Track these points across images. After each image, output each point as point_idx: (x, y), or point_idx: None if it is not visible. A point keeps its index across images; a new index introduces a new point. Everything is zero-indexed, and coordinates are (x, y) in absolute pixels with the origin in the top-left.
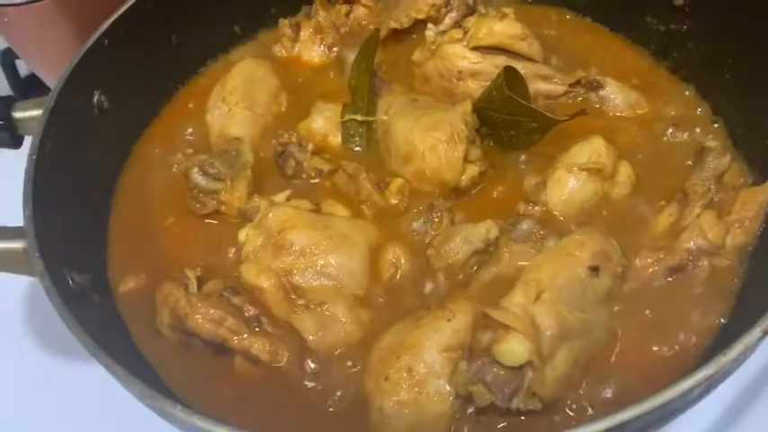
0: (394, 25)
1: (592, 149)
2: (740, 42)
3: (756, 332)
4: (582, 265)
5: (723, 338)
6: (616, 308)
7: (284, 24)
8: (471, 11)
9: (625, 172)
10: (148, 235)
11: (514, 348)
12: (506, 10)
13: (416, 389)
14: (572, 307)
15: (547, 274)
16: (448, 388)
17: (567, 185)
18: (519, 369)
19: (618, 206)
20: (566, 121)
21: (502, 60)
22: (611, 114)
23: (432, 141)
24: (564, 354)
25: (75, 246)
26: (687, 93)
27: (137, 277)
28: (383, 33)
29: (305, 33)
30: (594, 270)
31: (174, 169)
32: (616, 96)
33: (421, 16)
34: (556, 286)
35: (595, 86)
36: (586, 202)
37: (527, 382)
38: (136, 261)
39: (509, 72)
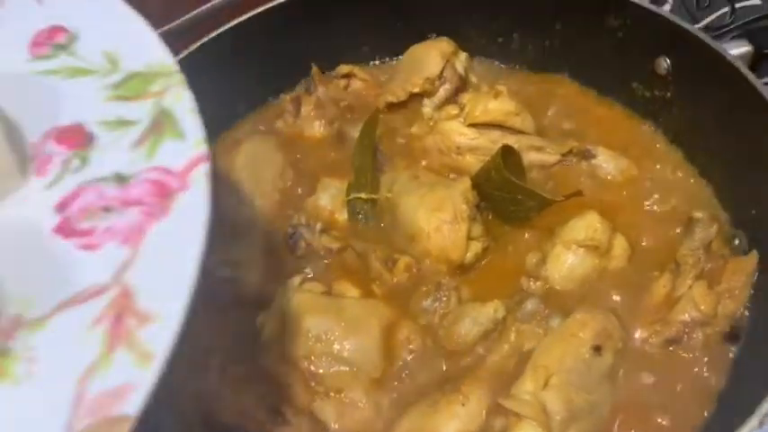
0: (390, 99)
1: (587, 226)
2: (720, 112)
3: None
4: (585, 346)
5: (722, 408)
6: (617, 381)
7: (285, 101)
8: (464, 82)
9: (620, 245)
10: None
11: None
12: (500, 87)
13: None
14: (579, 389)
15: (554, 359)
16: None
17: (567, 262)
18: None
19: (615, 276)
20: (561, 201)
21: (497, 135)
22: (602, 178)
23: (436, 222)
24: None
25: None
26: (677, 157)
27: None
28: (380, 106)
29: (306, 109)
30: (597, 349)
31: None
32: (608, 164)
33: (416, 90)
34: (563, 370)
35: (587, 155)
36: (585, 276)
37: None
38: None
39: (506, 152)
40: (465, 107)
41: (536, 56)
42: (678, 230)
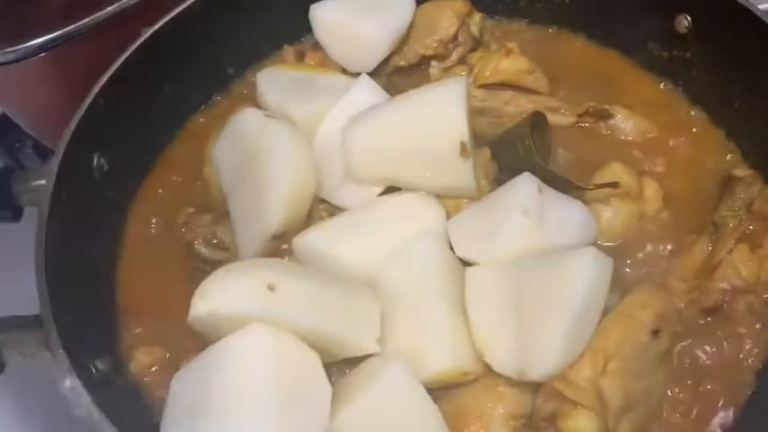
0: (401, 63)
1: (612, 175)
2: (747, 73)
3: None
4: (645, 329)
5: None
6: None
7: (288, 51)
8: (478, 44)
9: (651, 186)
10: (159, 305)
11: (584, 426)
12: (510, 45)
13: None
14: (636, 375)
15: (612, 342)
16: None
17: (604, 216)
18: None
19: (657, 221)
20: (594, 188)
21: (509, 96)
22: (621, 138)
23: None
24: (626, 424)
25: (92, 328)
26: (700, 119)
27: (150, 350)
28: (388, 70)
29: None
30: (656, 333)
31: (180, 232)
32: (626, 124)
33: (429, 53)
34: (622, 354)
35: (605, 116)
36: (628, 222)
37: None
38: (148, 333)
39: (535, 121)
40: (474, 67)
41: (549, 14)
42: (707, 193)
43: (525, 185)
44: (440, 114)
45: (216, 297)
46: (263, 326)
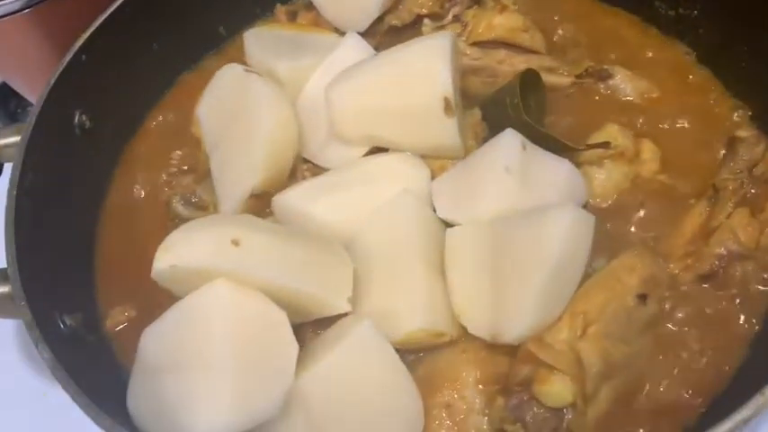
0: (395, 22)
1: (607, 136)
2: (753, 31)
3: None
4: (630, 293)
5: (758, 354)
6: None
7: (281, 11)
8: (475, 3)
9: (648, 148)
10: (137, 263)
11: (558, 390)
12: (506, 1)
13: (455, 427)
14: (617, 340)
15: (594, 305)
16: (486, 426)
17: (597, 178)
18: (559, 409)
19: (653, 184)
20: (585, 149)
21: (503, 54)
22: (621, 99)
23: None
24: (606, 392)
25: (63, 284)
26: (705, 80)
27: (126, 310)
28: (383, 29)
29: (304, 20)
30: (643, 298)
31: (162, 191)
32: (626, 85)
33: (423, 11)
34: (603, 319)
35: (604, 76)
36: (621, 184)
37: (566, 423)
38: (124, 293)
39: (526, 78)
40: (468, 24)
41: None
42: (711, 155)
43: (508, 142)
44: (423, 69)
45: (178, 251)
46: (225, 281)
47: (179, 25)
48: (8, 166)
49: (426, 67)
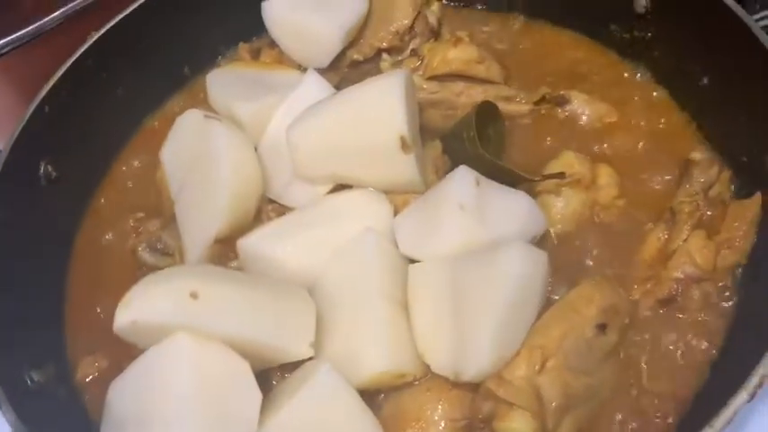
0: (356, 56)
1: (564, 164)
2: (707, 50)
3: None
4: (589, 324)
5: (718, 376)
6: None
7: (244, 49)
8: (435, 35)
9: (605, 173)
10: (106, 312)
11: (518, 427)
12: (460, 33)
13: None
14: (578, 371)
15: (552, 339)
16: None
17: (556, 206)
18: None
19: (612, 210)
20: (541, 180)
21: (461, 87)
22: (579, 125)
23: None
24: (569, 424)
25: (32, 337)
26: (662, 102)
27: (96, 360)
28: (345, 64)
29: (267, 58)
30: (602, 328)
31: (129, 238)
32: (583, 110)
33: (384, 45)
34: (562, 352)
35: (561, 102)
36: (579, 211)
37: None
38: (94, 342)
39: (482, 110)
40: (424, 58)
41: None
42: (669, 178)
43: (461, 179)
44: (378, 108)
45: (137, 307)
46: (185, 335)
47: (143, 68)
48: None
49: (381, 107)
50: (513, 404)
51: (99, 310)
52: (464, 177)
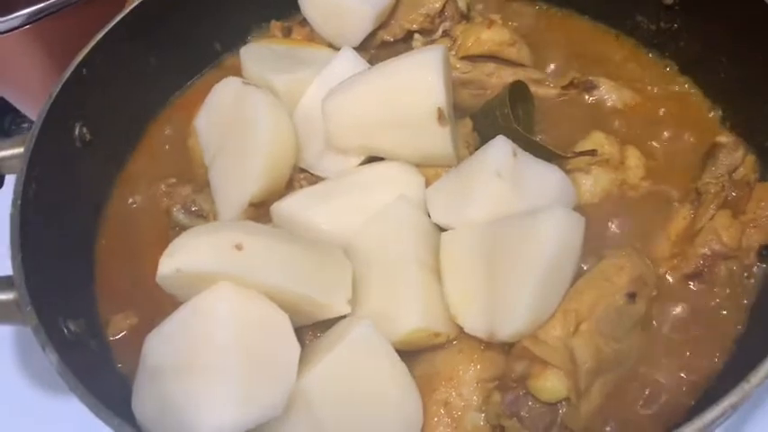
0: (387, 37)
1: (594, 144)
2: (734, 41)
3: None
4: (620, 292)
5: (743, 349)
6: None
7: (276, 27)
8: (465, 19)
9: (633, 155)
10: (137, 272)
11: (553, 385)
12: (494, 16)
13: (453, 424)
14: (608, 337)
15: (586, 304)
16: (482, 422)
17: (585, 184)
18: (554, 404)
19: (639, 190)
20: (572, 157)
21: (492, 67)
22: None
23: None
24: (598, 387)
25: (66, 290)
26: (686, 90)
27: (127, 318)
28: (375, 44)
29: (298, 36)
30: (632, 297)
31: (161, 201)
32: (610, 95)
33: (414, 27)
34: (594, 317)
35: (589, 87)
36: (607, 190)
37: (561, 417)
38: (126, 301)
39: (515, 89)
40: (457, 39)
41: None
42: (694, 161)
43: (499, 148)
44: (416, 81)
45: (182, 256)
46: (228, 284)
47: (176, 41)
48: (9, 178)
49: (419, 79)
50: (547, 363)
51: (129, 270)
52: (502, 147)
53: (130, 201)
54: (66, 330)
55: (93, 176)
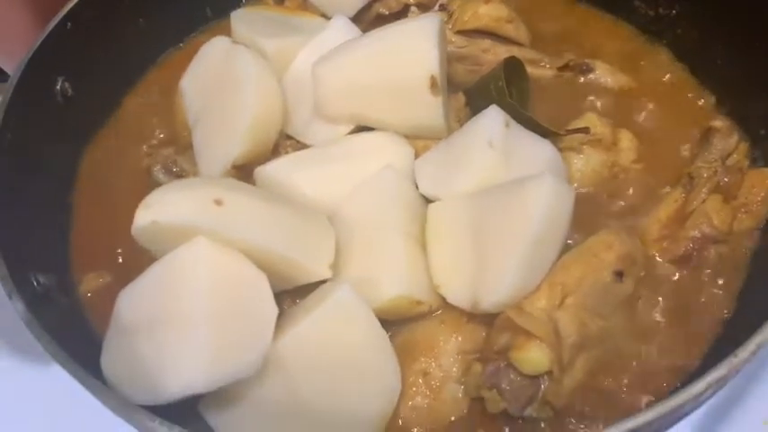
0: (382, 10)
1: (587, 123)
2: (729, 29)
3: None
4: (607, 269)
5: (730, 333)
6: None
7: None
8: None
9: (626, 137)
10: (112, 230)
11: (535, 357)
12: None
13: (432, 395)
14: (594, 313)
15: (572, 277)
16: (461, 394)
17: (576, 164)
18: (536, 377)
19: (630, 173)
20: (565, 134)
21: (488, 44)
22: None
23: None
24: (582, 363)
25: (38, 245)
26: (681, 76)
27: (100, 276)
28: (370, 17)
29: (291, 4)
30: (619, 275)
31: (141, 161)
32: (606, 79)
33: (411, 0)
34: (581, 291)
35: (585, 70)
36: (598, 170)
37: (542, 391)
38: (99, 259)
39: (509, 65)
40: (454, 13)
41: None
42: (687, 146)
43: (492, 118)
44: (410, 47)
45: (159, 208)
46: (206, 240)
47: (166, 3)
48: None
49: (414, 45)
50: (531, 335)
51: (105, 228)
52: (496, 116)
53: (110, 160)
54: (35, 282)
55: (73, 133)
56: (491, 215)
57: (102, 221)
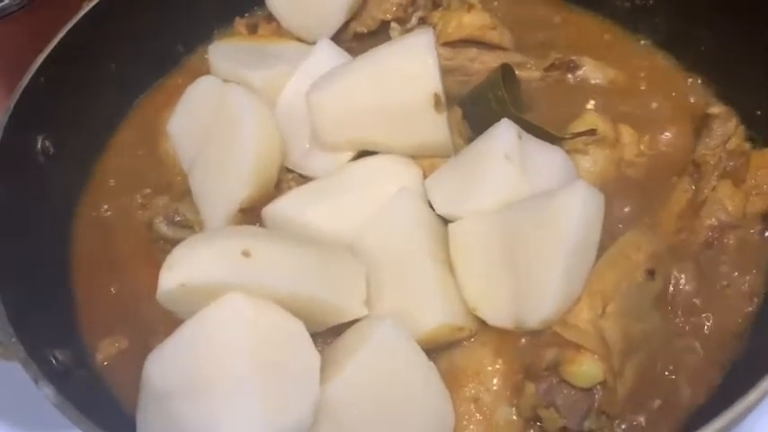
0: (360, 29)
1: (589, 123)
2: (710, 13)
3: None
4: (639, 270)
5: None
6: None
7: (240, 24)
8: (437, 6)
9: (627, 132)
10: (118, 293)
11: (590, 370)
12: (472, 1)
13: (485, 421)
14: (634, 317)
15: (609, 284)
16: (515, 416)
17: (583, 165)
18: (589, 389)
19: (636, 167)
20: (571, 138)
21: (474, 53)
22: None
23: None
24: (631, 368)
25: (46, 320)
26: (668, 65)
27: (116, 341)
28: (348, 37)
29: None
30: (651, 273)
31: (138, 215)
32: (594, 74)
33: (388, 17)
34: (619, 296)
35: (572, 67)
36: (606, 169)
37: (597, 403)
38: (112, 323)
39: (505, 72)
40: (437, 26)
41: None
42: (685, 134)
43: (505, 131)
44: (411, 66)
45: (185, 268)
46: (240, 294)
47: (136, 44)
48: None
49: (413, 64)
50: (580, 348)
51: (112, 290)
52: (508, 130)
53: (103, 216)
54: (54, 361)
55: (61, 191)
56: (522, 231)
57: (106, 284)
